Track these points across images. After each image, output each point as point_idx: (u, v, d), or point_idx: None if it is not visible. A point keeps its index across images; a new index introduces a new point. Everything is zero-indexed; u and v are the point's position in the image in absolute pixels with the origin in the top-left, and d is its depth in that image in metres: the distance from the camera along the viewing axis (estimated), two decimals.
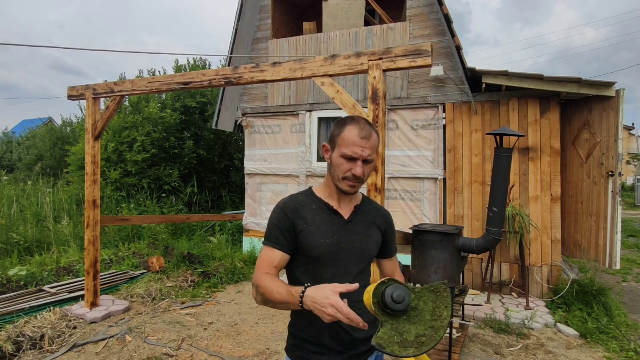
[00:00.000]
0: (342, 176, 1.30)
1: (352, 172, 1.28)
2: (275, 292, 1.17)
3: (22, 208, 7.69)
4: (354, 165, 1.28)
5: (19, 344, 3.51)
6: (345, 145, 1.28)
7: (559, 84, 4.71)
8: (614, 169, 4.54)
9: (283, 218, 1.34)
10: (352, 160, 1.29)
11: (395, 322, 0.87)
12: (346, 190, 1.33)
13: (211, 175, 10.30)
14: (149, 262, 5.74)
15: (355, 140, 1.27)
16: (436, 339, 0.81)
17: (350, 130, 1.29)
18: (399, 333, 0.84)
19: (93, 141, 4.47)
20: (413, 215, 5.82)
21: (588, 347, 3.77)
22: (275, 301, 1.17)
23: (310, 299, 1.06)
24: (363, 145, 1.27)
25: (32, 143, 16.30)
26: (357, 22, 6.33)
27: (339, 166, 1.31)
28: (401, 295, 0.83)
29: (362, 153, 1.27)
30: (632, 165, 22.55)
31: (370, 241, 1.40)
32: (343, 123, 1.33)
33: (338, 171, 1.31)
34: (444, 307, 0.83)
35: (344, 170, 1.30)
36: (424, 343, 0.81)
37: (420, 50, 2.90)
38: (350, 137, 1.28)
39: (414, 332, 0.82)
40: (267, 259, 1.31)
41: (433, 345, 0.81)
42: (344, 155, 1.29)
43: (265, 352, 3.58)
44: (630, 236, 9.75)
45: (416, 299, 0.86)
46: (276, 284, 1.19)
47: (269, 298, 1.19)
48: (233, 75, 3.62)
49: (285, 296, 1.14)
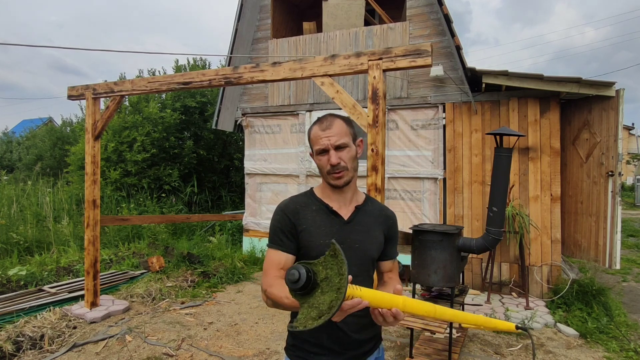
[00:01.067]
0: (326, 171, 1.37)
1: (329, 163, 1.34)
2: (284, 298, 1.19)
3: (22, 208, 7.69)
4: (329, 156, 1.35)
5: (19, 344, 3.51)
6: (314, 143, 1.38)
7: (559, 84, 4.71)
8: (614, 169, 4.54)
9: (284, 220, 1.36)
10: (325, 153, 1.36)
11: (311, 298, 0.88)
12: (335, 184, 1.37)
13: (211, 175, 10.30)
14: (149, 262, 5.74)
15: (318, 134, 1.36)
16: (340, 298, 0.83)
17: (313, 129, 1.40)
18: (315, 307, 0.85)
19: (93, 141, 4.47)
20: (413, 215, 5.82)
21: (588, 347, 3.77)
22: (285, 307, 1.21)
23: None
24: (326, 135, 1.34)
25: (32, 143, 16.31)
26: (357, 22, 6.33)
27: (320, 164, 1.38)
28: (294, 274, 0.83)
29: (328, 142, 1.34)
30: (632, 165, 22.55)
31: (372, 241, 1.40)
32: (310, 127, 1.43)
33: (321, 169, 1.39)
34: (342, 264, 0.84)
35: (324, 165, 1.36)
36: (334, 306, 0.82)
37: (420, 50, 2.90)
38: (314, 133, 1.38)
39: (328, 300, 0.84)
40: (273, 262, 1.34)
41: (339, 303, 0.82)
42: (317, 152, 1.37)
43: (265, 352, 3.58)
44: (630, 236, 9.75)
45: (324, 269, 0.87)
46: (285, 289, 1.20)
47: (279, 303, 1.23)
48: (233, 75, 3.63)
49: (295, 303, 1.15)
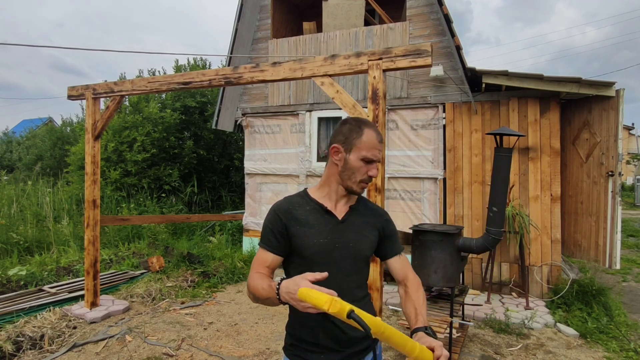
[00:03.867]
0: (360, 179, 1.36)
1: (369, 174, 1.35)
2: (260, 289, 1.22)
3: (22, 208, 7.69)
4: (372, 167, 1.35)
5: (19, 344, 3.51)
6: (366, 148, 1.34)
7: (559, 84, 4.71)
8: (614, 169, 4.54)
9: (276, 220, 1.37)
10: (370, 163, 1.35)
11: None
12: (359, 192, 1.40)
13: (211, 175, 10.30)
14: (149, 262, 5.74)
15: (376, 144, 1.34)
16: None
17: (370, 134, 1.35)
18: None
19: (93, 141, 4.47)
20: (413, 215, 5.82)
21: (588, 347, 3.77)
22: (262, 298, 1.23)
23: (284, 290, 1.10)
24: (380, 149, 1.36)
25: (32, 143, 16.31)
26: (357, 22, 6.33)
27: (358, 169, 1.35)
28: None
29: (380, 155, 1.36)
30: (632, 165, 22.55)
31: (365, 241, 1.41)
32: (359, 126, 1.37)
33: (357, 174, 1.35)
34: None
35: (363, 172, 1.35)
36: None
37: (420, 50, 2.90)
38: (372, 140, 1.34)
39: None
40: (259, 260, 1.36)
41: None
42: (364, 159, 1.34)
43: (265, 352, 3.58)
44: (630, 236, 9.75)
45: None
46: (262, 281, 1.25)
47: (257, 295, 1.25)
48: (233, 75, 3.62)
49: (268, 292, 1.19)
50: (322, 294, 0.98)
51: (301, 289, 1.02)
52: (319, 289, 1.00)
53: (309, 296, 0.99)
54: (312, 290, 1.00)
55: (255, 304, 4.79)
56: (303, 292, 1.01)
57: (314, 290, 1.00)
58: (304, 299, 1.01)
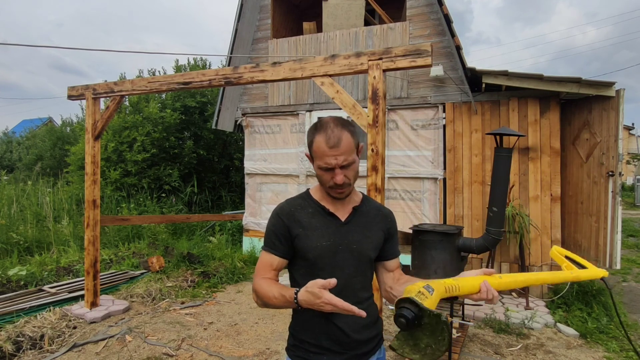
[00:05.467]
0: (328, 185, 1.32)
1: (333, 181, 1.29)
2: (272, 299, 1.24)
3: (22, 208, 7.69)
4: (333, 175, 1.28)
5: (19, 344, 3.51)
6: (318, 157, 1.28)
7: (559, 84, 4.71)
8: (614, 169, 4.54)
9: (279, 223, 1.36)
10: (329, 171, 1.28)
11: (414, 332, 1.00)
12: (336, 197, 1.36)
13: (211, 175, 10.30)
14: (149, 262, 5.74)
15: (325, 151, 1.25)
16: (439, 354, 0.96)
17: (318, 141, 1.27)
18: (413, 338, 0.98)
19: (93, 141, 4.47)
20: (413, 215, 5.82)
21: (588, 347, 3.77)
22: (275, 306, 1.26)
23: (305, 303, 1.14)
24: (334, 154, 1.25)
25: (32, 143, 16.31)
26: (357, 22, 6.33)
27: (321, 177, 1.32)
28: (402, 322, 0.95)
29: (335, 162, 1.25)
30: (632, 165, 22.54)
31: (369, 242, 1.38)
32: (312, 132, 1.32)
33: (322, 181, 1.34)
34: (445, 330, 0.96)
35: (327, 180, 1.31)
36: (429, 354, 0.96)
37: (420, 50, 2.90)
38: (320, 148, 1.26)
39: (425, 342, 0.96)
40: (265, 263, 1.37)
41: (437, 357, 0.96)
42: (320, 167, 1.29)
43: (265, 352, 3.58)
44: (630, 236, 9.75)
45: (427, 318, 0.97)
46: (272, 289, 1.25)
47: (268, 303, 1.27)
48: (233, 75, 3.62)
49: (283, 302, 1.22)
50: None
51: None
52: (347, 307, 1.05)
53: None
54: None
55: (255, 304, 4.79)
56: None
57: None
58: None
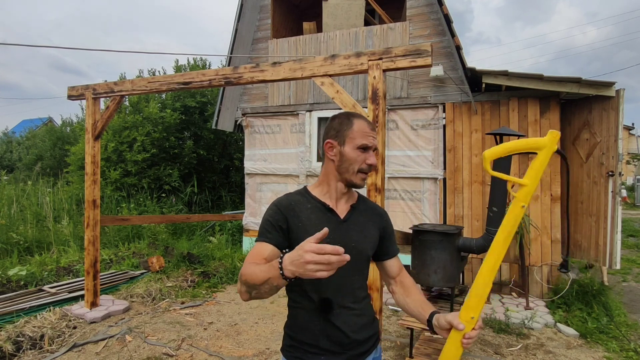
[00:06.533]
0: (359, 168, 1.35)
1: (367, 162, 1.35)
2: (258, 272, 1.11)
3: (22, 208, 7.69)
4: (369, 155, 1.35)
5: (19, 344, 3.51)
6: (360, 136, 1.34)
7: (559, 84, 4.71)
8: (614, 169, 4.54)
9: (277, 214, 1.33)
10: (366, 151, 1.35)
11: None
12: (359, 184, 1.37)
13: (211, 175, 10.30)
14: (149, 262, 5.74)
15: (367, 132, 1.35)
16: None
17: (360, 122, 1.37)
18: None
19: (93, 141, 4.47)
20: (413, 215, 5.82)
21: (588, 347, 3.77)
22: (258, 282, 1.10)
23: (288, 260, 1.00)
24: (374, 135, 1.37)
25: (32, 143, 16.31)
26: (357, 22, 6.33)
27: (354, 159, 1.34)
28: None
29: (374, 142, 1.36)
30: (632, 165, 22.54)
31: (367, 241, 1.39)
32: (348, 118, 1.39)
33: (354, 164, 1.34)
34: None
35: (361, 161, 1.34)
36: None
37: (420, 50, 2.90)
38: (363, 128, 1.36)
39: None
40: (255, 252, 1.28)
41: None
42: (360, 146, 1.34)
43: (265, 352, 3.58)
44: (630, 236, 9.75)
45: None
46: (259, 266, 1.14)
47: (252, 281, 1.12)
48: (233, 75, 3.62)
49: (267, 271, 1.08)
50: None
51: None
52: None
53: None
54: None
55: (255, 304, 4.79)
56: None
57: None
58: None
